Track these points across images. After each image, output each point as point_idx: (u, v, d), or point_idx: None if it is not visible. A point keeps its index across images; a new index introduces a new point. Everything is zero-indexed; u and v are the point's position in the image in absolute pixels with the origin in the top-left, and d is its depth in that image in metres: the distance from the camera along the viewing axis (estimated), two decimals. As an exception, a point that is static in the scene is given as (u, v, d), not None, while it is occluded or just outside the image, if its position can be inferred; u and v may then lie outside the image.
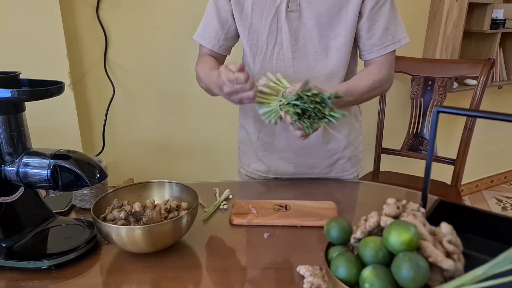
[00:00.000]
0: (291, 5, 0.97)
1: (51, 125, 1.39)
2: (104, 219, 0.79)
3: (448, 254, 0.56)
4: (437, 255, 0.54)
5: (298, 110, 0.81)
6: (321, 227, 0.85)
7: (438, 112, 0.73)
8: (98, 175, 0.76)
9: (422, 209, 0.67)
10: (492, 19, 2.08)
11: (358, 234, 0.62)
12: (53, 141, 1.41)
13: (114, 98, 1.54)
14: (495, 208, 2.62)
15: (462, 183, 2.73)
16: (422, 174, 2.02)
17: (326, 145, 1.12)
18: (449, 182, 1.87)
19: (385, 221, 0.62)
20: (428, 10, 2.08)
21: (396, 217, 0.64)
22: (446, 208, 0.82)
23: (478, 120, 1.83)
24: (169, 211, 0.84)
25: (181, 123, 1.72)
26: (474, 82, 2.18)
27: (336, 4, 0.95)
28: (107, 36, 1.48)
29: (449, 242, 0.58)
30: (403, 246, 0.55)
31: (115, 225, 0.73)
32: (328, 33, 0.98)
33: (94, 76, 1.51)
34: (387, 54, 1.01)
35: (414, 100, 1.92)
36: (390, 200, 0.69)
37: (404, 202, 0.67)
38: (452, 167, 1.84)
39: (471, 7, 2.01)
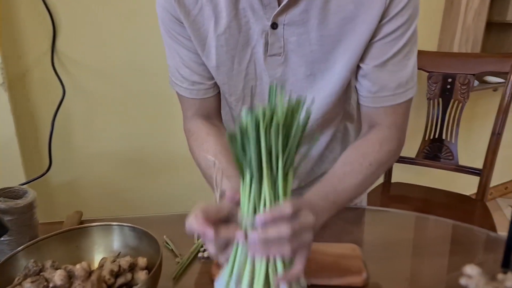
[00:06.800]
0: (271, 47, 0.67)
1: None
2: (11, 294, 0.50)
3: None
4: None
5: None
6: None
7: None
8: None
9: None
10: (516, 8, 1.83)
11: None
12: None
13: (68, 101, 1.24)
14: (513, 219, 2.38)
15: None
16: (440, 186, 1.74)
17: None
18: (471, 195, 1.62)
19: (485, 324, 0.34)
20: (444, -3, 1.83)
21: (499, 312, 0.37)
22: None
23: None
24: (117, 274, 0.56)
25: (158, 131, 1.43)
26: (495, 79, 1.94)
27: (334, 44, 0.66)
28: (55, 24, 1.18)
29: None
30: None
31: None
32: (324, 84, 0.71)
33: (40, 74, 1.21)
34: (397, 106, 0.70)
35: (431, 101, 1.66)
36: (471, 271, 0.41)
37: (500, 278, 0.39)
38: (473, 177, 1.60)
39: (493, -6, 1.76)
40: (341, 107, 0.82)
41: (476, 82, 1.91)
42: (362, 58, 0.68)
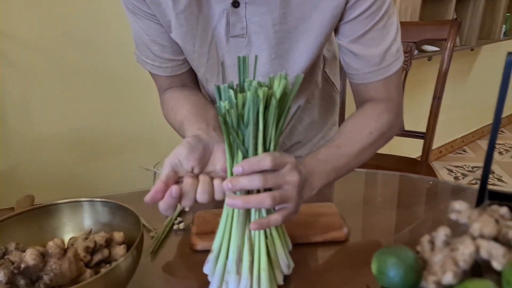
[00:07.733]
0: (232, 28, 0.64)
1: None
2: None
3: None
4: None
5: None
6: (324, 244, 0.63)
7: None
8: None
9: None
10: (448, -21, 1.94)
11: (448, 277, 0.35)
12: None
13: (3, 79, 1.10)
14: (448, 179, 2.59)
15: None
16: (390, 151, 1.86)
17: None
18: (417, 158, 1.73)
19: (488, 249, 0.36)
20: (384, -31, 1.88)
21: (497, 238, 0.38)
22: None
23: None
24: (93, 251, 0.51)
25: (109, 108, 1.33)
26: (432, 48, 2.06)
27: (297, 23, 0.64)
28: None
29: None
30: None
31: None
32: (290, 65, 0.69)
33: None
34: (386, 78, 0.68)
35: (377, 69, 1.72)
36: (460, 206, 0.43)
37: (501, 210, 0.41)
38: (417, 140, 1.71)
39: (428, -35, 1.85)
40: (312, 79, 0.81)
41: (415, 51, 2.02)
42: (340, 36, 0.66)
